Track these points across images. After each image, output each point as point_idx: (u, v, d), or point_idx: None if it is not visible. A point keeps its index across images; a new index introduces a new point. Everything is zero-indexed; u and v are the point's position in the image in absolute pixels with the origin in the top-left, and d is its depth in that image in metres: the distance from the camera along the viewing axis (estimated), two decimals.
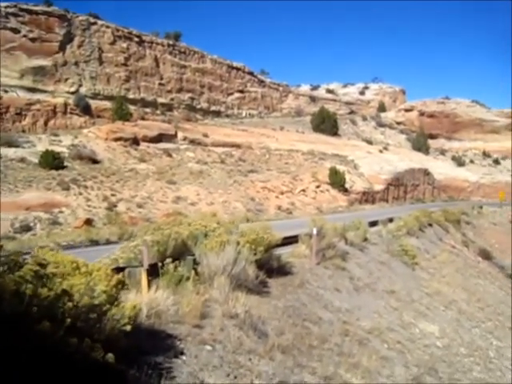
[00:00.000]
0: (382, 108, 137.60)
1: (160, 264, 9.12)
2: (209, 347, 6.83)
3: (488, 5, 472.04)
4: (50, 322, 4.06)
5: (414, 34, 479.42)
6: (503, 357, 19.38)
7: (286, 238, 16.81)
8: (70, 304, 4.50)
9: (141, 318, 6.53)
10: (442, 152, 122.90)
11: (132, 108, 66.85)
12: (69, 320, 4.32)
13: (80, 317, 4.66)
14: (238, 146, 65.38)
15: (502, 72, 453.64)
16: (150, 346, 6.04)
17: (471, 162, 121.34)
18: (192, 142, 62.13)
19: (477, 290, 29.42)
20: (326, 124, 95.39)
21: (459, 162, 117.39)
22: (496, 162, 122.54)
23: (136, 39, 75.81)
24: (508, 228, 62.47)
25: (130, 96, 71.85)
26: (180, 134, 62.84)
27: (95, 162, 47.44)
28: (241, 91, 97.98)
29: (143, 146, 55.57)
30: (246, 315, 8.44)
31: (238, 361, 6.95)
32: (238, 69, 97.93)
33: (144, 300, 7.01)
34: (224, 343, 7.24)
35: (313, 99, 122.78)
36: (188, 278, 9.10)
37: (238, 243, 11.19)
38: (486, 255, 41.80)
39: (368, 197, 63.18)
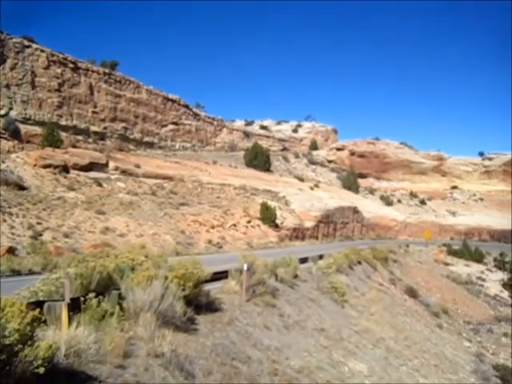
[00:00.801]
0: (314, 146, 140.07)
1: (83, 298, 8.60)
2: None
3: (409, 52, 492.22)
4: None
5: (347, 74, 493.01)
6: None
7: (215, 274, 16.50)
8: None
9: (58, 358, 6.05)
10: (371, 191, 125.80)
11: (63, 135, 65.30)
12: None
13: None
14: (170, 179, 64.75)
15: (431, 115, 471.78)
16: None
17: (399, 201, 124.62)
18: (123, 172, 61.12)
19: (404, 327, 29.74)
20: (258, 160, 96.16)
21: (387, 201, 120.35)
22: (422, 202, 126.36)
23: (71, 65, 74.43)
24: (433, 267, 64.05)
25: (62, 123, 70.22)
26: (111, 164, 61.68)
27: (22, 188, 45.73)
28: (175, 123, 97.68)
29: (73, 174, 54.16)
30: (172, 354, 8.05)
31: None
32: (173, 101, 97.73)
33: (63, 338, 6.51)
34: None
35: (247, 135, 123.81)
36: (112, 314, 8.63)
37: (166, 278, 10.82)
38: (412, 293, 42.48)
39: (298, 233, 63.55)
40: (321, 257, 34.01)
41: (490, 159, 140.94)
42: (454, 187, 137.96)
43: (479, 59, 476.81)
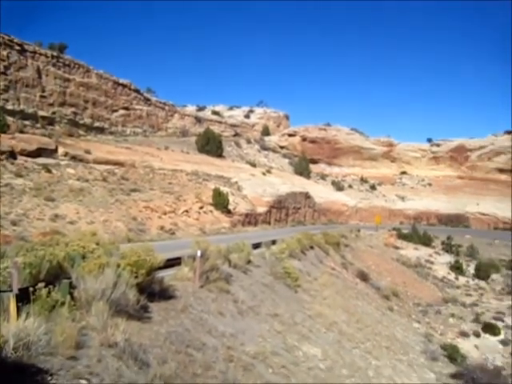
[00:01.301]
0: (266, 132, 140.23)
1: (32, 289, 8.31)
2: (84, 381, 6.23)
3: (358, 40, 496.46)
4: None
5: (299, 60, 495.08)
6: (381, 375, 19.88)
7: (169, 260, 16.30)
8: None
9: (6, 352, 5.82)
10: (323, 176, 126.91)
11: (10, 120, 63.39)
12: None
13: None
14: (121, 164, 63.73)
15: (382, 102, 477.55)
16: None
17: (350, 186, 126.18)
18: (73, 158, 59.78)
19: (356, 311, 30.13)
20: (210, 145, 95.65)
21: (338, 186, 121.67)
22: (373, 187, 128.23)
23: (17, 48, 72.16)
24: (383, 251, 65.12)
25: (9, 107, 68.11)
26: (61, 150, 60.18)
27: None
28: (126, 108, 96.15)
29: (21, 160, 52.66)
30: (125, 344, 7.88)
31: None
32: (123, 85, 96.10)
33: (11, 330, 6.25)
34: (101, 376, 6.65)
35: (198, 120, 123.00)
36: (63, 304, 8.38)
37: (119, 266, 10.62)
38: (363, 277, 43.06)
39: (251, 219, 63.60)
40: (273, 242, 34.07)
41: (437, 145, 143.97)
42: (404, 173, 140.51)
43: (428, 46, 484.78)
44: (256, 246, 30.37)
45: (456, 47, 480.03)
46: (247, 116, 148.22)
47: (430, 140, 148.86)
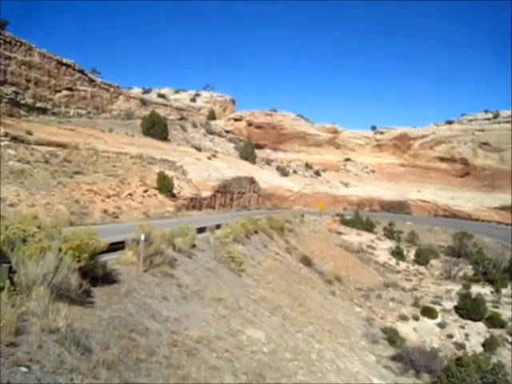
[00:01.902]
0: (212, 116, 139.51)
1: None
2: (24, 369, 6.08)
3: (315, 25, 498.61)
4: None
5: (246, 44, 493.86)
6: (323, 359, 20.20)
7: (112, 244, 16.12)
8: None
9: None
10: (268, 162, 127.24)
11: None
12: None
13: None
14: (63, 146, 62.20)
15: (327, 89, 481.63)
16: None
17: (294, 172, 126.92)
18: (14, 138, 57.93)
19: (299, 295, 30.49)
20: (156, 128, 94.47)
21: (283, 172, 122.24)
22: (317, 173, 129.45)
23: None
24: (327, 236, 65.95)
25: None
26: (1, 130, 58.32)
27: None
28: (69, 89, 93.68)
29: None
30: (67, 329, 7.73)
31: (59, 382, 6.27)
32: (67, 65, 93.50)
33: None
34: (42, 362, 6.51)
35: (144, 103, 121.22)
36: (2, 289, 8.15)
37: (61, 249, 10.41)
38: (307, 261, 43.50)
39: (195, 203, 63.35)
40: (218, 226, 34.11)
41: (381, 133, 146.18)
42: (348, 159, 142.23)
43: (370, 36, 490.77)
44: (200, 230, 30.37)
45: (399, 38, 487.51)
46: (193, 100, 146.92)
47: (374, 128, 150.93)
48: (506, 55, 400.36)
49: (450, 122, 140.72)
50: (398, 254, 66.52)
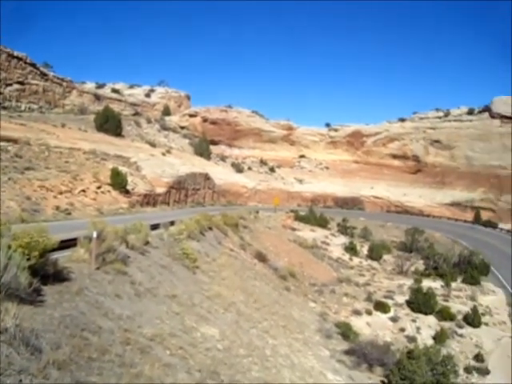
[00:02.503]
0: (166, 112, 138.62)
1: None
2: None
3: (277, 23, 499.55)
4: None
5: (200, 39, 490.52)
6: (278, 354, 20.31)
7: (63, 242, 15.92)
8: None
9: None
10: (223, 158, 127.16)
11: None
12: None
13: None
14: (14, 141, 60.75)
15: (282, 86, 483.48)
16: None
17: (249, 168, 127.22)
18: None
19: (254, 291, 30.57)
20: (110, 124, 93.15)
21: (238, 168, 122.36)
22: (272, 169, 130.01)
23: None
24: (281, 232, 66.28)
25: None
26: None
27: None
28: (21, 83, 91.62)
29: None
30: (16, 329, 7.56)
31: None
32: (18, 58, 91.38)
33: None
34: None
35: (97, 97, 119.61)
36: None
37: (10, 247, 10.16)
38: (261, 257, 43.65)
39: (150, 199, 62.83)
40: (172, 223, 33.96)
41: (335, 130, 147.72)
42: (302, 156, 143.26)
43: (326, 32, 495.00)
44: (154, 226, 30.17)
45: (353, 36, 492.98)
46: (148, 95, 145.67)
47: (328, 125, 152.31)
48: (457, 53, 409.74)
49: (402, 120, 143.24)
50: (351, 249, 67.37)
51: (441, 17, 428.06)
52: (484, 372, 36.69)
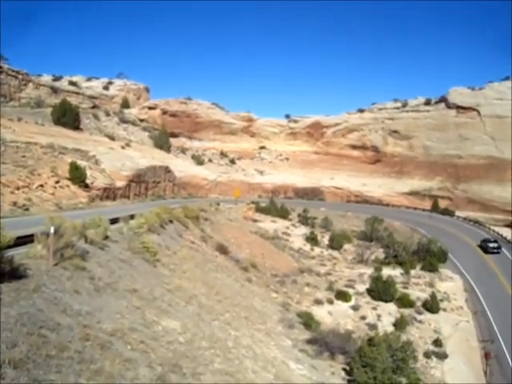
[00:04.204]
0: (125, 104, 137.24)
1: None
2: None
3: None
4: None
5: (160, 31, 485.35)
6: (240, 345, 20.42)
7: (20, 238, 15.71)
8: None
9: None
10: (183, 150, 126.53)
11: None
12: None
13: None
14: None
15: (241, 77, 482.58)
16: None
17: (210, 161, 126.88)
18: None
19: (215, 283, 30.61)
20: (67, 117, 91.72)
21: (199, 160, 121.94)
22: (232, 161, 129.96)
23: None
24: (242, 224, 66.37)
25: None
26: None
27: None
28: None
29: None
30: None
31: None
32: None
33: None
34: None
35: (55, 90, 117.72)
36: None
37: None
38: (222, 250, 43.65)
39: (109, 193, 62.20)
40: (132, 217, 33.81)
41: (295, 121, 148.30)
42: (263, 147, 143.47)
43: (286, 24, 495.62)
44: (114, 221, 29.97)
45: (312, 26, 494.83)
46: (106, 88, 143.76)
47: (288, 116, 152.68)
48: (414, 44, 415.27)
49: (361, 111, 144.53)
50: (312, 239, 67.87)
51: (398, 7, 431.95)
52: (442, 356, 37.59)
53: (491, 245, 70.60)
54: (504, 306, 47.36)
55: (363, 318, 41.75)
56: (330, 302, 43.55)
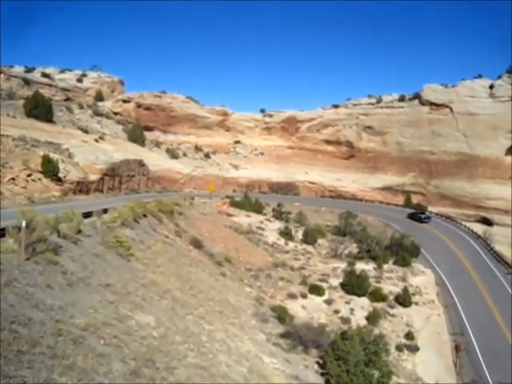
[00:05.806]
0: (99, 97, 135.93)
1: None
2: None
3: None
4: None
5: (133, 24, 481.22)
6: (214, 340, 20.47)
7: None
8: None
9: None
10: (157, 144, 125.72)
11: None
12: None
13: None
14: None
15: (216, 71, 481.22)
16: None
17: (184, 155, 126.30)
18: None
19: (189, 277, 30.58)
20: (40, 109, 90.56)
21: (173, 154, 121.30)
22: (207, 155, 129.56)
23: None
24: (217, 218, 66.32)
25: None
26: None
27: None
28: None
29: None
30: None
31: None
32: None
33: None
34: None
35: (27, 82, 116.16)
36: None
37: None
38: (197, 244, 43.56)
39: (83, 187, 61.67)
40: (105, 211, 33.58)
41: (270, 116, 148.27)
42: (237, 142, 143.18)
43: (261, 19, 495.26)
44: (87, 215, 29.78)
45: (288, 22, 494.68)
46: (80, 80, 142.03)
47: (263, 110, 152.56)
48: (388, 41, 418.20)
49: (336, 106, 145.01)
50: (286, 234, 68.11)
51: (373, 4, 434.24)
52: (414, 349, 38.20)
53: (423, 216, 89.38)
54: (474, 299, 48.21)
55: (336, 311, 42.11)
56: (304, 296, 43.81)
